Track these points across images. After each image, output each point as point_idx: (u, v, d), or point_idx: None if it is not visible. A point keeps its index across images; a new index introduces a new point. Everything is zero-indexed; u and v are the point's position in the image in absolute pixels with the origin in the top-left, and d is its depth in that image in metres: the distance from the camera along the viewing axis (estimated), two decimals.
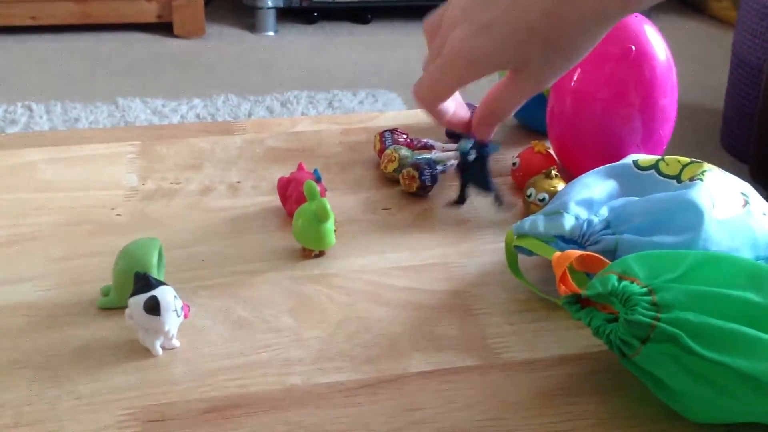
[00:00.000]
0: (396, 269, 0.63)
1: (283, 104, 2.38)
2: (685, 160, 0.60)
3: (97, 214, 0.69)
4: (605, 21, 0.52)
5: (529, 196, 0.68)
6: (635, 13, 0.71)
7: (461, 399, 0.50)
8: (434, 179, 0.72)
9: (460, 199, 0.70)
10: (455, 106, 0.60)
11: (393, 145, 0.75)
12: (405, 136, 0.78)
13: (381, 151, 0.76)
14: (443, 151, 0.77)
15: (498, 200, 0.65)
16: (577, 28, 0.51)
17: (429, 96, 0.57)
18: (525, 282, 0.60)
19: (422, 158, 0.73)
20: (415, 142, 0.78)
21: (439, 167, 0.73)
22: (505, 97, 0.56)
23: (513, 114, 0.58)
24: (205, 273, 0.62)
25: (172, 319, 0.53)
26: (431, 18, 0.58)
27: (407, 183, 0.72)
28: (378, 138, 0.77)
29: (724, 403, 0.46)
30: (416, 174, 0.71)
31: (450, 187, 0.73)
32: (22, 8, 2.78)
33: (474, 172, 0.65)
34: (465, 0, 0.54)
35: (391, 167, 0.73)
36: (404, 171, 0.72)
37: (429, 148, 0.78)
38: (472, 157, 0.64)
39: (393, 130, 0.78)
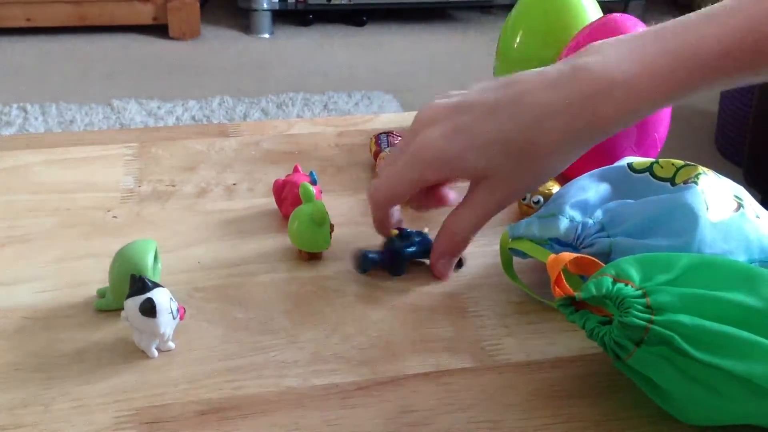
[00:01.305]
0: None
1: (278, 106, 2.38)
2: (679, 163, 0.60)
3: (92, 216, 0.69)
4: (576, 142, 0.53)
5: (524, 198, 0.68)
6: (630, 16, 0.71)
7: (456, 401, 0.51)
8: None
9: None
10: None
11: (388, 148, 0.75)
12: (400, 138, 0.78)
13: (376, 154, 0.76)
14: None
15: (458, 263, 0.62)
16: (548, 146, 0.53)
17: (387, 194, 0.57)
18: (520, 284, 0.60)
19: None
20: None
21: None
22: (464, 219, 0.57)
23: (470, 240, 0.58)
24: (201, 275, 0.62)
25: (167, 321, 0.53)
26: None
27: None
28: (373, 141, 0.78)
29: (718, 405, 0.46)
30: None
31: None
32: (17, 9, 2.77)
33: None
34: (441, 104, 0.55)
35: None
36: None
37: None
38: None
39: (388, 133, 0.78)
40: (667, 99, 0.53)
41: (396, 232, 0.62)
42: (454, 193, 0.61)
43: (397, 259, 0.61)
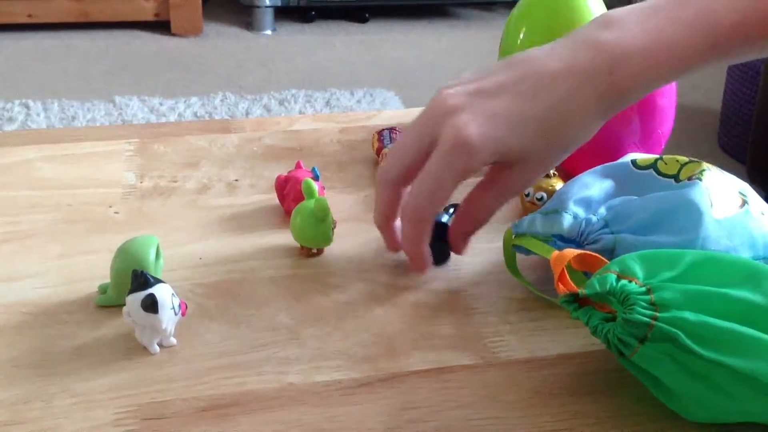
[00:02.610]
0: (394, 268, 0.63)
1: (280, 103, 2.38)
2: (683, 159, 0.60)
3: (94, 212, 0.69)
4: (599, 113, 0.53)
5: (527, 195, 0.68)
6: None
7: (459, 398, 0.50)
8: None
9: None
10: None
11: (391, 144, 0.75)
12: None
13: (379, 150, 0.76)
14: None
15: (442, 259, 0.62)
16: (577, 121, 0.52)
17: (431, 197, 0.52)
18: (523, 281, 0.60)
19: None
20: None
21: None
22: (490, 201, 0.55)
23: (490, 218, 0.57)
24: (203, 271, 0.62)
25: (169, 317, 0.52)
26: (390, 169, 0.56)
27: None
28: (376, 137, 0.77)
29: (722, 403, 0.46)
30: None
31: None
32: (19, 6, 2.77)
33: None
34: (459, 92, 0.53)
35: None
36: None
37: None
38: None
39: (391, 129, 0.78)
40: (682, 69, 0.52)
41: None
42: None
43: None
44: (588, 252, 0.52)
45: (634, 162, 0.62)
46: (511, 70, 0.54)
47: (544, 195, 0.67)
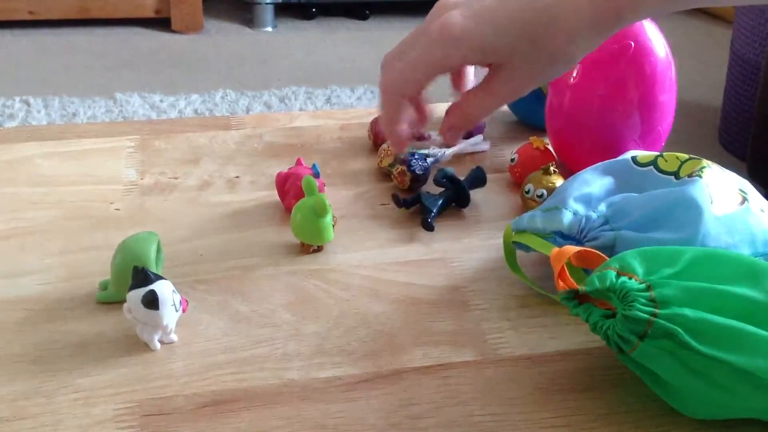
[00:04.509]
0: (394, 264, 0.63)
1: (281, 100, 2.38)
2: (683, 156, 0.60)
3: (95, 208, 0.69)
4: (599, 31, 0.51)
5: (528, 192, 0.68)
6: None
7: (459, 394, 0.51)
8: (424, 169, 0.71)
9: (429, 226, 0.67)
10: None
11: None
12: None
13: (376, 137, 0.76)
14: (438, 145, 0.77)
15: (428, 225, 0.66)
16: (569, 33, 0.51)
17: (404, 79, 0.53)
18: (523, 278, 0.60)
19: (409, 152, 0.73)
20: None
21: (430, 159, 0.73)
22: (479, 101, 0.55)
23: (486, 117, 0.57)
24: (204, 267, 0.62)
25: (170, 314, 0.53)
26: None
27: (400, 179, 0.72)
28: (372, 125, 0.78)
29: (721, 400, 0.46)
30: (405, 168, 0.71)
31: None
32: (20, 2, 2.77)
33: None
34: None
35: (386, 162, 0.73)
36: (394, 170, 0.72)
37: (424, 138, 0.78)
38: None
39: None
40: None
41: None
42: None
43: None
44: (588, 249, 0.52)
45: (634, 159, 0.62)
46: None
47: (545, 192, 0.67)
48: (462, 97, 0.56)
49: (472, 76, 0.60)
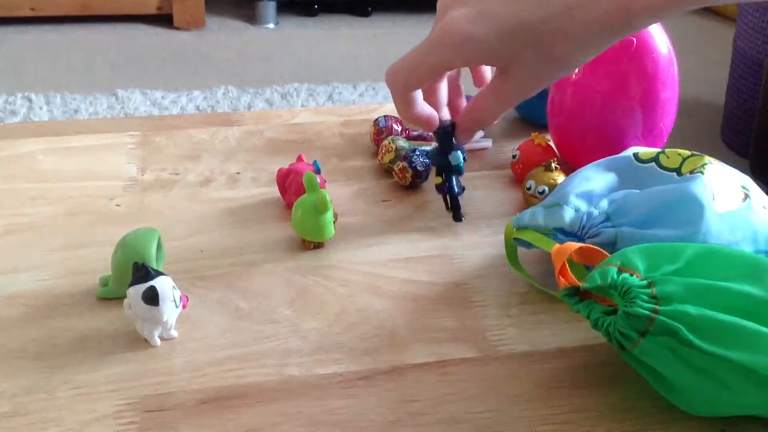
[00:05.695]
0: (395, 261, 0.63)
1: (283, 97, 2.38)
2: (685, 153, 0.60)
3: (96, 204, 0.69)
4: (608, 37, 0.50)
5: (529, 188, 0.68)
6: None
7: (459, 391, 0.50)
8: (425, 165, 0.71)
9: (458, 216, 0.67)
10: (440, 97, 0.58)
11: (390, 136, 0.75)
12: (399, 123, 0.77)
13: (377, 134, 0.76)
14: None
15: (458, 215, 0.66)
16: (578, 40, 0.50)
17: (406, 77, 0.54)
18: (524, 274, 0.60)
19: (410, 149, 0.72)
20: (410, 132, 0.78)
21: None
22: (487, 104, 0.55)
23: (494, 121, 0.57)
24: (204, 264, 0.62)
25: (170, 310, 0.52)
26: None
27: (401, 176, 0.71)
28: (373, 126, 0.77)
29: (722, 396, 0.45)
30: (406, 164, 0.71)
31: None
32: None
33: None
34: None
35: (387, 158, 0.73)
36: (395, 167, 0.72)
37: (425, 138, 0.78)
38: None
39: (386, 116, 0.78)
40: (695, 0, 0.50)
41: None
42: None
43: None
44: (589, 245, 0.52)
45: (636, 155, 0.62)
46: None
47: (546, 188, 0.67)
48: (472, 101, 0.56)
49: (489, 73, 0.60)
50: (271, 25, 2.99)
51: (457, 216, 0.66)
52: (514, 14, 0.50)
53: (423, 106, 0.56)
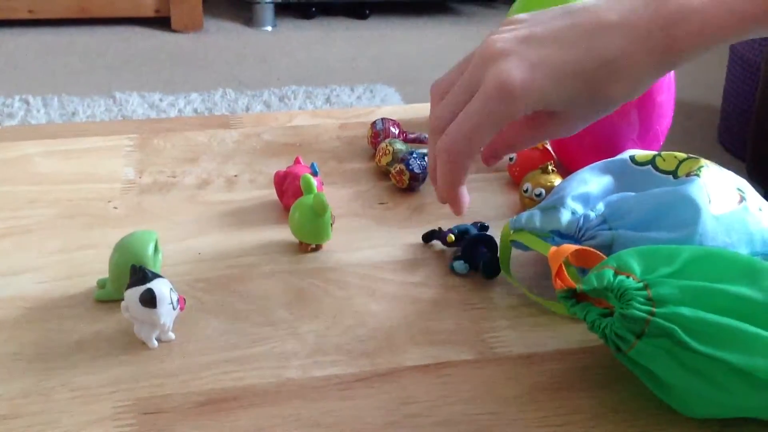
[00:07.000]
0: (392, 263, 0.63)
1: (280, 99, 2.38)
2: (681, 155, 0.60)
3: (93, 206, 0.69)
4: (651, 72, 0.51)
5: (526, 191, 0.68)
6: None
7: (457, 393, 0.51)
8: (422, 168, 0.71)
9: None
10: None
11: (388, 139, 0.75)
12: (397, 125, 0.78)
13: (374, 137, 0.76)
14: None
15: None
16: (631, 82, 0.51)
17: (469, 138, 0.50)
18: (515, 283, 0.60)
19: (407, 151, 0.73)
20: (408, 134, 0.78)
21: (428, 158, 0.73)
22: (529, 135, 0.54)
23: None
24: (202, 266, 0.62)
25: (167, 312, 0.53)
26: (441, 79, 0.54)
27: (398, 178, 0.72)
28: (371, 129, 0.78)
29: (718, 398, 0.46)
30: (404, 167, 0.71)
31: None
32: (19, 2, 2.77)
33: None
34: (509, 37, 0.51)
35: (384, 160, 0.73)
36: (392, 169, 0.72)
37: (422, 141, 0.78)
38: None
39: (384, 118, 0.78)
40: (740, 32, 0.51)
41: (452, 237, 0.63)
42: None
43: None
44: (586, 248, 0.52)
45: (632, 158, 0.62)
46: (566, 17, 0.52)
47: (543, 191, 0.67)
48: (506, 129, 0.54)
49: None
50: (269, 28, 2.99)
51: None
52: (567, 63, 0.50)
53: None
